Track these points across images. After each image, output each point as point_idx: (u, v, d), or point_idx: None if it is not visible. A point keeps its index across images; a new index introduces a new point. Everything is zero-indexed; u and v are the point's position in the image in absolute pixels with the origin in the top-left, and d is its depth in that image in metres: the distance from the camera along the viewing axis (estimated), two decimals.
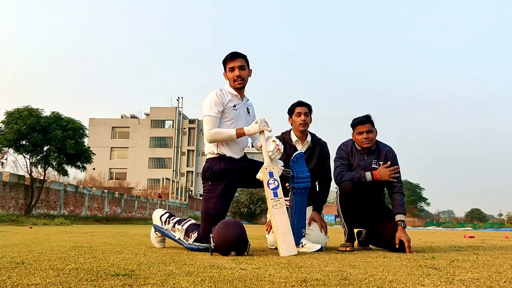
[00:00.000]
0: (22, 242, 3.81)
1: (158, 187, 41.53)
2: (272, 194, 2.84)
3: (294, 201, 3.08)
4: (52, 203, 18.49)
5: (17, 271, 1.81)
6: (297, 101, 3.58)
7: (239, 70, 3.05)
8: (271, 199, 2.83)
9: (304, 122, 3.47)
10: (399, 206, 3.28)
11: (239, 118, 3.06)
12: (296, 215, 3.11)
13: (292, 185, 3.06)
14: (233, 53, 3.09)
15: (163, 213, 3.31)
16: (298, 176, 3.09)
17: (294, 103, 3.58)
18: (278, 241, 2.73)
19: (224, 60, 3.11)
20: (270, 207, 2.83)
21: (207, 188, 3.06)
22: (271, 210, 2.81)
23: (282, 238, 2.74)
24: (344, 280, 1.69)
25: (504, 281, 1.76)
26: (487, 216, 74.41)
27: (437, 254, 3.05)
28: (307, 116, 3.51)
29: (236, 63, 3.05)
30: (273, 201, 2.83)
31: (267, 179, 2.87)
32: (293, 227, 2.96)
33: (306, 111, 3.51)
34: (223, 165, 3.02)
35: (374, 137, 3.43)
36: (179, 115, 49.15)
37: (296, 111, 3.52)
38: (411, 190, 52.88)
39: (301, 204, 3.12)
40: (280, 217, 2.81)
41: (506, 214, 44.71)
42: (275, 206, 2.83)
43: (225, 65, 3.11)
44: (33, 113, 15.73)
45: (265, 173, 2.89)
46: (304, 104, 3.55)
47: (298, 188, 3.09)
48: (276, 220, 2.79)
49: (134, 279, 1.66)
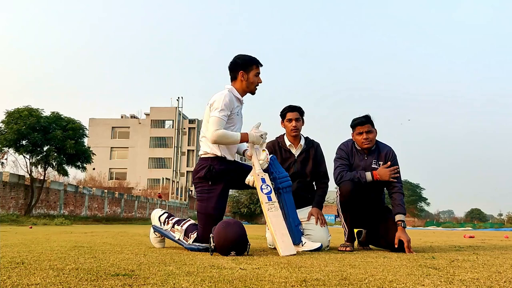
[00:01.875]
0: (22, 242, 3.81)
1: (158, 187, 41.55)
2: (267, 198, 2.95)
3: (283, 201, 3.12)
4: (52, 203, 18.49)
5: (17, 271, 1.81)
6: (288, 107, 3.59)
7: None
8: (265, 203, 2.93)
9: (295, 128, 3.54)
10: (399, 206, 3.28)
11: (238, 122, 3.10)
12: (290, 213, 3.16)
13: (276, 186, 3.10)
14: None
15: (161, 214, 3.29)
16: (279, 176, 3.14)
17: (285, 108, 3.60)
18: (277, 242, 2.79)
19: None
20: (265, 210, 2.91)
21: (205, 188, 3.03)
22: (266, 213, 2.90)
23: (281, 239, 2.81)
24: (344, 280, 1.70)
25: (504, 281, 1.76)
26: (487, 216, 74.43)
27: (437, 254, 3.05)
28: (298, 121, 3.56)
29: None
30: (268, 205, 2.93)
31: (260, 184, 2.97)
32: (290, 226, 3.03)
33: (297, 117, 3.56)
34: (223, 165, 3.03)
35: (374, 138, 3.43)
36: (179, 115, 49.13)
37: (287, 117, 3.56)
38: (411, 190, 52.90)
39: (290, 202, 3.17)
40: (276, 219, 2.91)
41: (506, 214, 44.74)
42: (270, 209, 2.93)
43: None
44: (33, 113, 15.75)
45: (258, 179, 2.98)
46: (294, 109, 3.58)
47: (283, 187, 3.13)
48: (273, 223, 2.87)
49: (134, 279, 1.66)
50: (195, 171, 3.10)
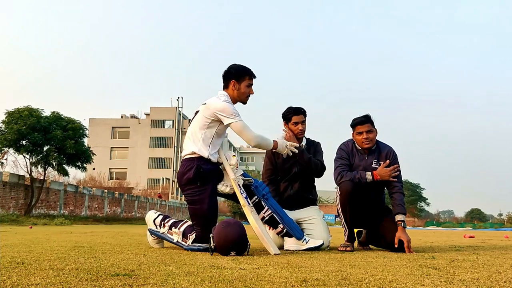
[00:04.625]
0: (22, 242, 3.81)
1: (158, 187, 41.56)
2: (247, 202, 3.00)
3: (273, 205, 3.15)
4: (52, 203, 18.49)
5: (17, 271, 1.81)
6: (293, 109, 3.60)
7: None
8: (247, 206, 2.98)
9: (301, 131, 3.57)
10: (399, 206, 3.28)
11: (225, 128, 3.11)
12: (283, 214, 3.19)
13: (261, 193, 3.12)
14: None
15: (156, 216, 3.23)
16: (259, 184, 3.18)
17: (290, 111, 3.59)
18: (267, 242, 2.88)
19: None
20: (249, 213, 2.96)
21: (196, 190, 2.97)
22: (250, 216, 2.95)
23: (268, 240, 2.90)
24: (344, 280, 1.69)
25: (504, 281, 1.76)
26: (487, 216, 74.40)
27: (437, 254, 3.05)
28: (304, 124, 3.59)
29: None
30: (249, 208, 2.99)
31: (238, 189, 3.01)
32: (291, 224, 3.18)
33: (302, 120, 3.58)
34: (210, 165, 3.01)
35: (374, 137, 3.43)
36: (179, 115, 49.08)
37: (293, 120, 3.57)
38: (411, 190, 52.87)
39: (277, 205, 3.20)
40: (259, 221, 3.00)
41: (506, 214, 44.72)
42: (253, 212, 3.00)
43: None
44: (33, 113, 15.75)
45: (235, 185, 3.02)
46: (299, 112, 3.59)
47: (266, 192, 3.16)
48: (258, 225, 2.94)
49: (134, 279, 1.66)
50: (182, 173, 3.01)
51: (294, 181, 3.59)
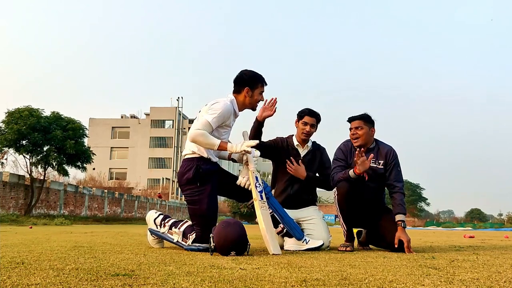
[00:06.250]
0: (22, 242, 3.81)
1: (158, 187, 41.57)
2: (259, 197, 2.97)
3: (274, 204, 3.14)
4: (52, 203, 18.49)
5: (17, 271, 1.81)
6: (309, 110, 3.60)
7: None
8: (259, 201, 2.95)
9: (307, 133, 3.57)
10: (399, 206, 3.28)
11: (225, 134, 3.08)
12: (284, 213, 3.19)
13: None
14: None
15: (156, 216, 3.23)
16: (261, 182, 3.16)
17: (305, 111, 3.61)
18: (268, 240, 2.83)
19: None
20: (258, 207, 2.92)
21: (195, 190, 2.96)
22: (259, 210, 2.91)
23: (271, 238, 2.86)
24: (344, 280, 1.70)
25: (504, 281, 1.76)
26: (487, 216, 74.34)
27: (437, 254, 3.05)
28: (313, 127, 3.59)
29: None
30: (261, 203, 2.95)
31: (254, 182, 2.99)
32: (291, 223, 3.16)
33: (313, 123, 3.58)
34: (209, 165, 3.01)
35: (364, 134, 3.37)
36: (179, 115, 49.08)
37: (304, 119, 3.57)
38: (411, 190, 52.85)
39: (278, 204, 3.19)
40: (267, 218, 2.95)
41: (506, 214, 44.69)
42: (263, 207, 2.95)
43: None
44: (34, 113, 15.75)
45: (252, 176, 3.00)
46: (314, 115, 3.59)
47: (268, 191, 3.14)
48: (265, 221, 2.89)
49: (134, 279, 1.66)
50: (181, 173, 3.01)
51: (294, 181, 3.59)
